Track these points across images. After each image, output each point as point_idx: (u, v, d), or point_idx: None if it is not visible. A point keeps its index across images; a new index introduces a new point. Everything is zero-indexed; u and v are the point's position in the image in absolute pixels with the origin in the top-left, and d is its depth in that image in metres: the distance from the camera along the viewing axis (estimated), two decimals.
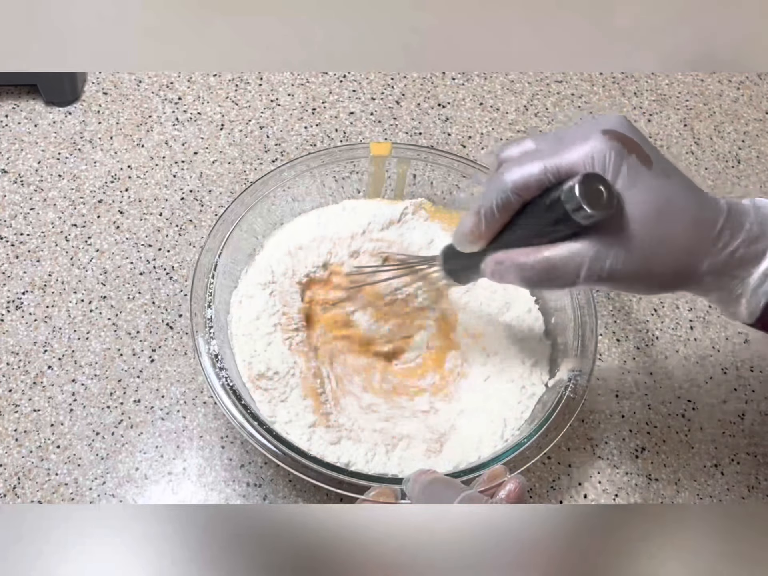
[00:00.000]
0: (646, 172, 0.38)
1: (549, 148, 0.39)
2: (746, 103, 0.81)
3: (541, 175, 0.38)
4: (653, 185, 0.38)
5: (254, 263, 0.57)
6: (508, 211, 0.40)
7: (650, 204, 0.38)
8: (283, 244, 0.58)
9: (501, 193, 0.39)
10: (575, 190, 0.37)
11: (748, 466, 0.59)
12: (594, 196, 0.37)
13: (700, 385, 0.62)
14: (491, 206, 0.40)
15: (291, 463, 0.46)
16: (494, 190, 0.40)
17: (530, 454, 0.48)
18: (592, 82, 0.80)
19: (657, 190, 0.38)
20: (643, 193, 0.38)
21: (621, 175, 0.38)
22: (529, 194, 0.39)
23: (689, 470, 0.58)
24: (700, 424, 0.60)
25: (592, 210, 0.36)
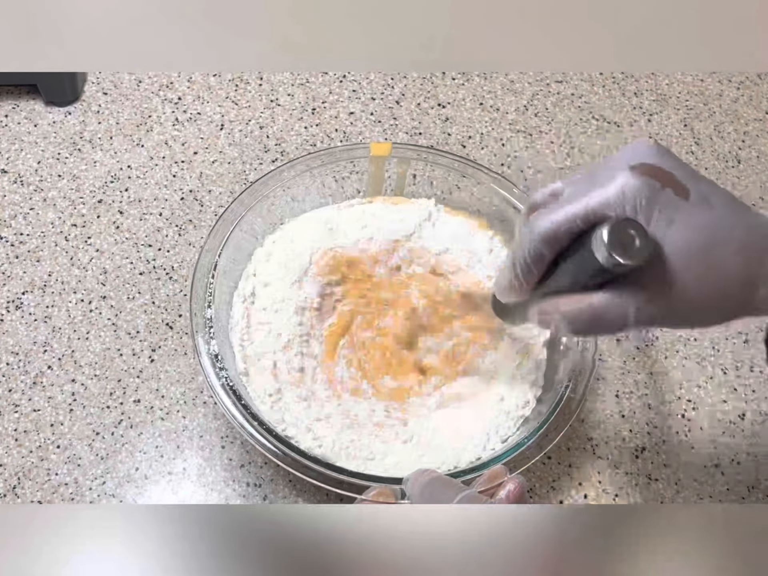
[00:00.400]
0: (684, 205, 0.35)
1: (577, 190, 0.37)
2: (746, 103, 0.81)
3: (570, 224, 0.36)
4: (693, 219, 0.35)
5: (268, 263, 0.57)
6: (542, 262, 0.38)
7: (692, 240, 0.35)
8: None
9: (532, 246, 0.38)
10: (604, 239, 0.34)
11: (748, 466, 0.59)
12: (625, 244, 0.34)
13: (700, 385, 0.62)
14: (524, 260, 0.38)
15: (291, 463, 0.46)
16: (525, 242, 0.38)
17: (530, 454, 0.48)
18: (592, 82, 0.80)
19: (698, 223, 0.36)
20: (683, 229, 0.35)
21: (655, 215, 0.35)
22: (560, 244, 0.37)
23: (689, 470, 0.58)
24: (700, 424, 0.60)
25: (624, 260, 0.34)
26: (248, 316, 0.55)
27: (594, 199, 0.36)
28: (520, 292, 0.41)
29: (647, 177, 0.35)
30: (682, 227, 0.35)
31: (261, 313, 0.55)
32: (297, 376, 0.53)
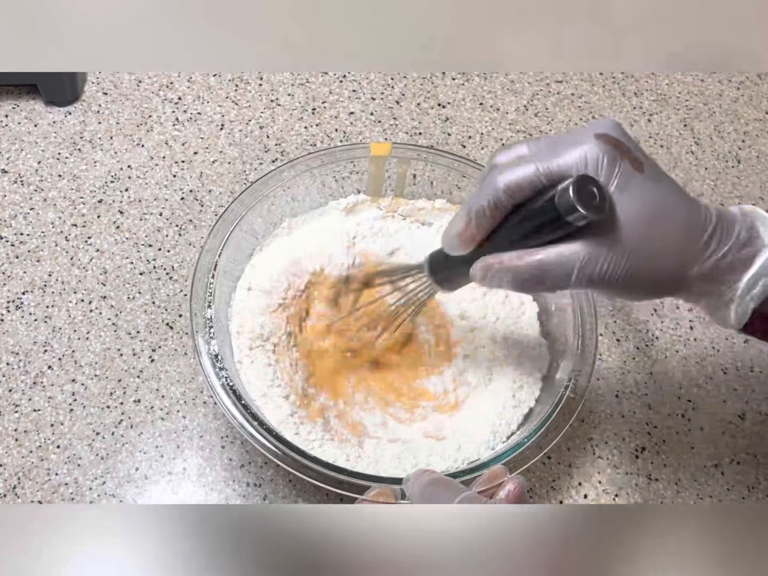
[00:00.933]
0: (639, 177, 0.38)
1: (543, 152, 0.39)
2: (746, 103, 0.81)
3: (533, 177, 0.38)
4: (645, 190, 0.38)
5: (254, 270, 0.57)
6: (500, 211, 0.40)
7: (642, 208, 0.38)
8: (280, 255, 0.58)
9: (493, 193, 0.39)
10: (569, 191, 0.36)
11: (748, 466, 0.59)
12: (587, 198, 0.37)
13: (700, 385, 0.62)
14: (483, 207, 0.40)
15: (291, 463, 0.46)
16: (486, 190, 0.39)
17: (530, 454, 0.48)
18: (592, 82, 0.80)
19: (649, 195, 0.38)
20: (635, 197, 0.38)
21: (614, 179, 0.38)
22: (521, 195, 0.39)
23: (689, 470, 0.58)
24: (700, 424, 0.60)
25: (586, 211, 0.36)
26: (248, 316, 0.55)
27: (560, 158, 0.38)
28: (468, 242, 0.42)
29: (610, 146, 0.38)
30: (633, 195, 0.38)
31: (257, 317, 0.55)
32: (294, 379, 0.53)
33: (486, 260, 0.41)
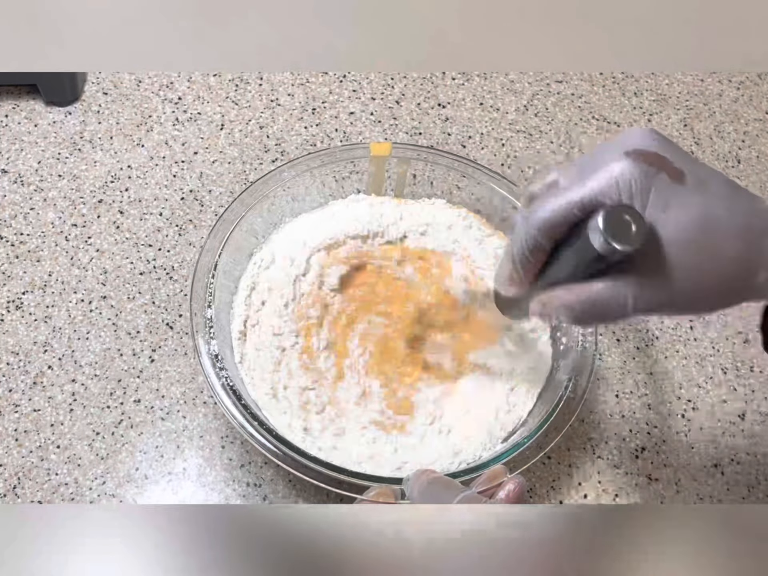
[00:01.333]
0: (680, 189, 0.35)
1: (573, 179, 0.37)
2: (746, 103, 0.81)
3: (566, 213, 0.36)
4: (689, 202, 0.35)
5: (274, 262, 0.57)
6: (541, 252, 0.38)
7: (688, 224, 0.35)
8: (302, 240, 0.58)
9: (530, 236, 0.38)
10: (599, 226, 0.34)
11: (748, 466, 0.59)
12: (621, 230, 0.34)
13: (700, 385, 0.62)
14: (523, 251, 0.38)
15: (291, 463, 0.46)
16: (523, 233, 0.38)
17: (530, 454, 0.48)
18: (592, 82, 0.80)
19: (694, 207, 0.35)
20: (679, 214, 0.35)
21: (651, 199, 0.35)
22: (557, 233, 0.37)
23: (689, 470, 0.58)
24: (700, 424, 0.60)
25: (620, 246, 0.34)
26: (248, 316, 0.55)
27: (589, 187, 0.36)
28: (519, 285, 0.41)
29: (641, 162, 0.35)
30: (677, 211, 0.35)
31: (261, 315, 0.55)
32: (297, 376, 0.53)
33: (540, 299, 0.40)
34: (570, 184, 0.37)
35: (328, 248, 0.58)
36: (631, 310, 0.36)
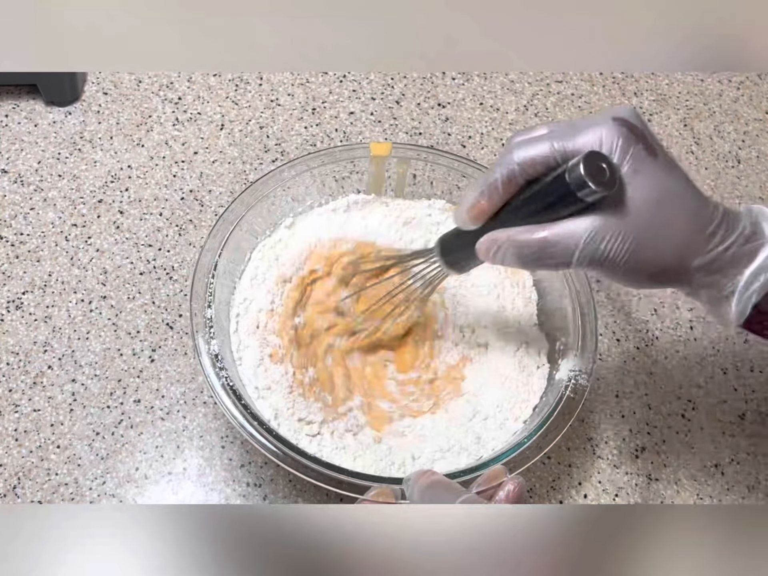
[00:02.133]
0: (651, 161, 0.39)
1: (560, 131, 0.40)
2: (746, 103, 0.81)
3: (548, 153, 0.39)
4: (657, 174, 0.39)
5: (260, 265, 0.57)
6: (513, 185, 0.40)
7: (652, 191, 0.39)
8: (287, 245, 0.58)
9: (507, 166, 0.40)
10: (579, 165, 0.37)
11: (748, 466, 0.59)
12: (597, 174, 0.37)
13: (700, 385, 0.62)
14: (496, 180, 0.40)
15: (291, 463, 0.46)
16: (500, 165, 0.40)
17: (530, 454, 0.48)
18: (592, 82, 0.80)
19: (660, 180, 0.39)
20: (646, 181, 0.38)
21: (627, 160, 0.38)
22: (534, 171, 0.40)
23: (689, 470, 0.58)
24: (700, 424, 0.60)
25: (595, 186, 0.37)
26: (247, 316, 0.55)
27: (575, 138, 0.39)
28: (480, 216, 0.42)
29: (625, 128, 0.39)
30: (646, 177, 0.39)
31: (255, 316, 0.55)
32: (294, 379, 0.53)
33: (493, 234, 0.42)
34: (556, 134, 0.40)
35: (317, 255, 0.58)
36: (577, 256, 0.39)
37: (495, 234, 0.42)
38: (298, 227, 0.60)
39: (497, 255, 0.42)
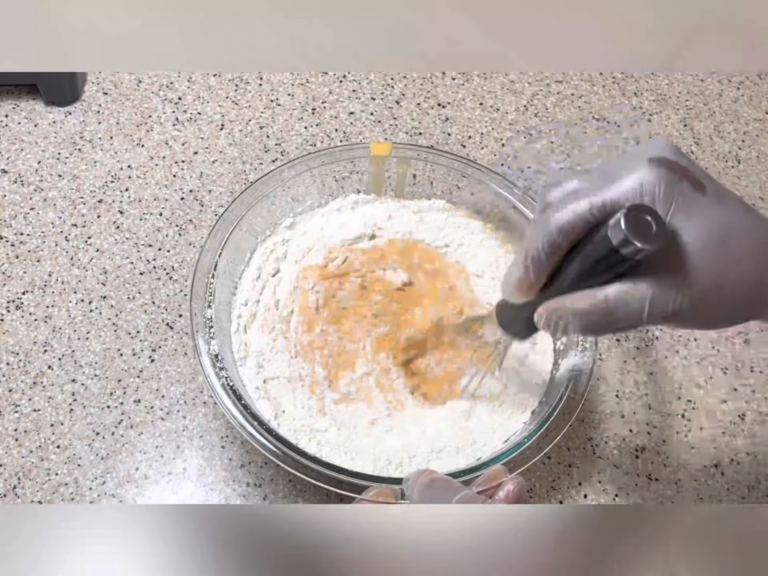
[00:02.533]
0: (701, 199, 0.36)
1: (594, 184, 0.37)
2: (746, 103, 0.81)
3: (586, 213, 0.36)
4: (710, 213, 0.36)
5: None
6: (556, 254, 0.38)
7: (710, 233, 0.36)
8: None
9: (547, 236, 0.37)
10: (621, 222, 0.34)
11: (748, 466, 0.59)
12: (642, 229, 0.34)
13: (700, 385, 0.62)
14: (538, 252, 0.37)
15: (291, 463, 0.46)
16: (540, 234, 0.37)
17: (530, 454, 0.48)
18: (592, 82, 0.80)
19: (715, 218, 0.36)
20: (701, 222, 0.35)
21: (675, 205, 0.35)
22: (575, 235, 0.37)
23: (689, 470, 0.58)
24: (700, 424, 0.60)
25: (641, 243, 0.34)
26: (247, 316, 0.55)
27: (612, 189, 0.36)
28: (528, 290, 0.40)
29: (666, 169, 0.35)
30: (699, 219, 0.35)
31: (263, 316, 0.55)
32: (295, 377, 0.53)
33: (548, 306, 0.39)
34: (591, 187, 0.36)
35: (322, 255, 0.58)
36: (646, 316, 0.36)
37: (550, 305, 0.39)
38: (303, 226, 0.60)
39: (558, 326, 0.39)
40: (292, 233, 0.59)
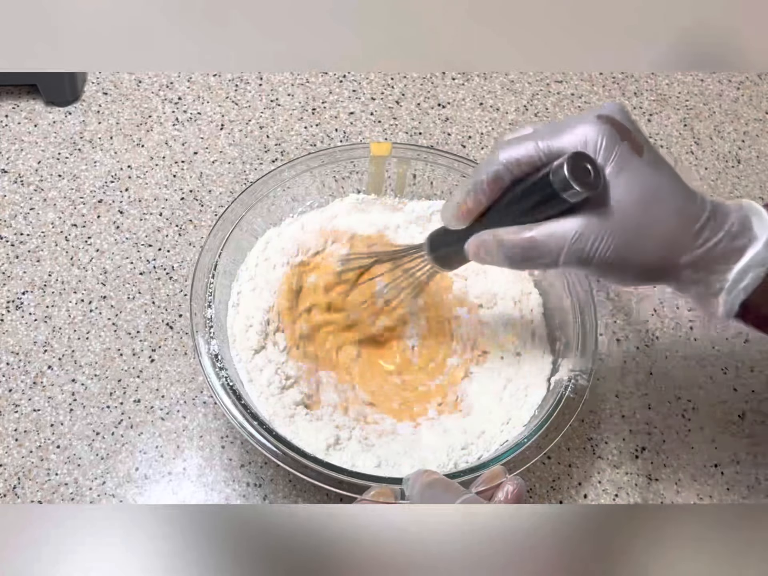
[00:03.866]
0: (637, 160, 0.39)
1: (545, 131, 0.40)
2: (746, 103, 0.81)
3: (532, 153, 0.39)
4: (642, 173, 0.39)
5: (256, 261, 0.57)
6: (498, 186, 0.41)
7: (637, 190, 0.39)
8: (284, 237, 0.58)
9: (493, 167, 0.40)
10: (563, 167, 0.37)
11: (748, 466, 0.59)
12: (581, 174, 0.37)
13: (700, 385, 0.62)
14: (482, 180, 0.41)
15: (291, 463, 0.46)
16: (486, 165, 0.41)
17: (530, 454, 0.48)
18: (592, 82, 0.80)
19: (645, 178, 0.39)
20: (631, 179, 0.39)
21: (611, 159, 0.38)
22: (520, 171, 0.40)
23: (689, 470, 0.58)
24: (700, 424, 0.60)
25: (579, 187, 0.37)
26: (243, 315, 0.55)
27: (560, 137, 0.39)
28: (466, 216, 0.43)
29: (610, 126, 0.39)
30: (631, 176, 0.39)
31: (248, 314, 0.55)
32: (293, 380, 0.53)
33: (480, 235, 0.42)
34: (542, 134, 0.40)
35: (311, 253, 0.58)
36: (563, 256, 0.39)
37: (482, 235, 0.42)
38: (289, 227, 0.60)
39: (485, 256, 0.42)
40: (279, 231, 0.59)
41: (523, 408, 0.53)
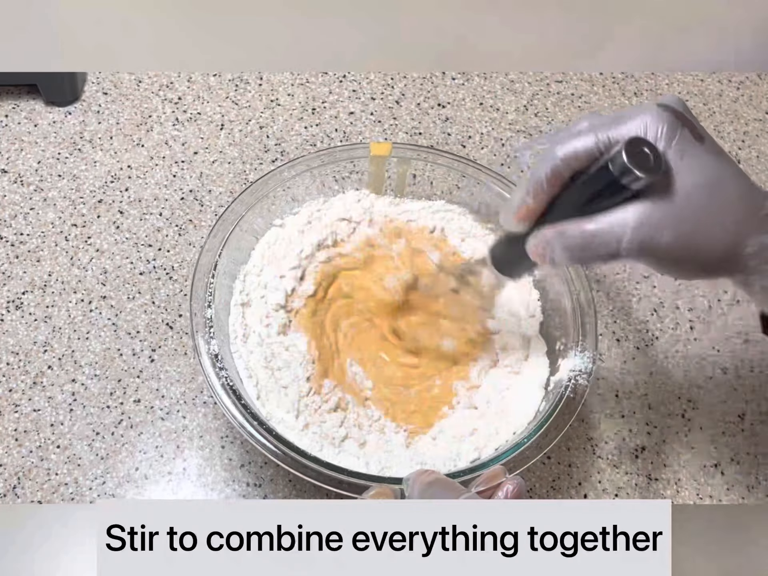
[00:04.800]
0: (699, 146, 0.38)
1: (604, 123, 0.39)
2: (746, 103, 0.81)
3: (590, 145, 0.38)
4: (705, 159, 0.38)
5: None
6: (558, 181, 0.39)
7: (700, 176, 0.37)
8: None
9: (551, 162, 0.39)
10: (622, 152, 0.36)
11: (748, 466, 0.59)
12: (640, 160, 0.36)
13: (700, 385, 0.62)
14: (540, 178, 0.39)
15: (291, 463, 0.46)
16: (544, 161, 0.39)
17: (530, 454, 0.48)
18: (592, 82, 0.80)
19: (708, 164, 0.38)
20: (695, 165, 0.37)
21: (673, 145, 0.37)
22: (578, 164, 0.39)
23: (689, 470, 0.58)
24: (700, 424, 0.60)
25: (639, 172, 0.36)
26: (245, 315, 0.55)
27: (619, 127, 0.38)
28: (527, 216, 0.41)
29: (670, 113, 0.38)
30: (694, 162, 0.37)
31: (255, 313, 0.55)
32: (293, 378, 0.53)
33: (541, 233, 0.40)
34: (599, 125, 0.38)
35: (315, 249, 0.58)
36: (625, 246, 0.37)
37: (544, 231, 0.40)
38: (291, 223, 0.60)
39: (548, 253, 0.40)
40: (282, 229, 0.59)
41: (523, 408, 0.53)
